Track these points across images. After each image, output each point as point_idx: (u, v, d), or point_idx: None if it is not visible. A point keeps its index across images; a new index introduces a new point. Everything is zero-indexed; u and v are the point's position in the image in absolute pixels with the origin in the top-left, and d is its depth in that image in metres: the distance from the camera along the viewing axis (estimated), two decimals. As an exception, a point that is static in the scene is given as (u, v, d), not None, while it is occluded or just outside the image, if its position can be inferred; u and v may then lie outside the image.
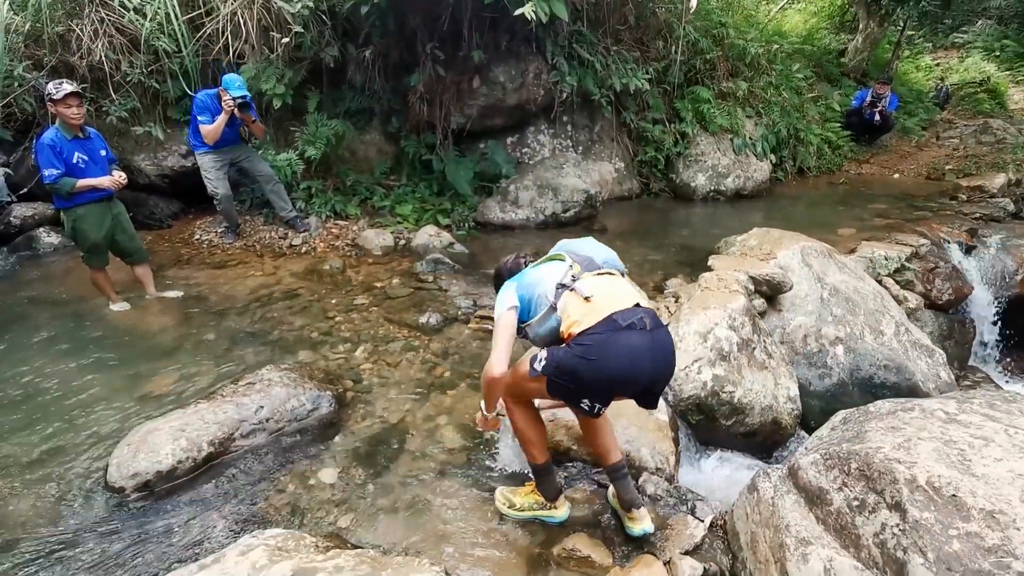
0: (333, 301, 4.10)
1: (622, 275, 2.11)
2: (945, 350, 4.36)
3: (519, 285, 2.08)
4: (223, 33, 5.06)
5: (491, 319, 3.74)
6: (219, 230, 5.37)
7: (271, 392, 2.71)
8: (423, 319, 3.72)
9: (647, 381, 1.84)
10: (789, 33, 8.73)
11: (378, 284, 4.38)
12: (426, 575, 1.68)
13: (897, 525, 1.37)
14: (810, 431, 3.37)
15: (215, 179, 4.84)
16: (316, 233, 5.34)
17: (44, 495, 2.33)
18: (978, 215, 5.92)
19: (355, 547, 1.93)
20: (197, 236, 5.38)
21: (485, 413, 2.10)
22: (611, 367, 1.76)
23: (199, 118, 4.66)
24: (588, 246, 2.19)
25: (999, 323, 5.04)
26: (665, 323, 3.23)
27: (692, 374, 2.86)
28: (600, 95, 6.11)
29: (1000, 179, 6.53)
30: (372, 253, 5.03)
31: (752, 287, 3.66)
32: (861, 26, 9.29)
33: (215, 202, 4.98)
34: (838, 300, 3.89)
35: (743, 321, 3.00)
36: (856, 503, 1.49)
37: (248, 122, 4.80)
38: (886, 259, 4.52)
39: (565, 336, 1.89)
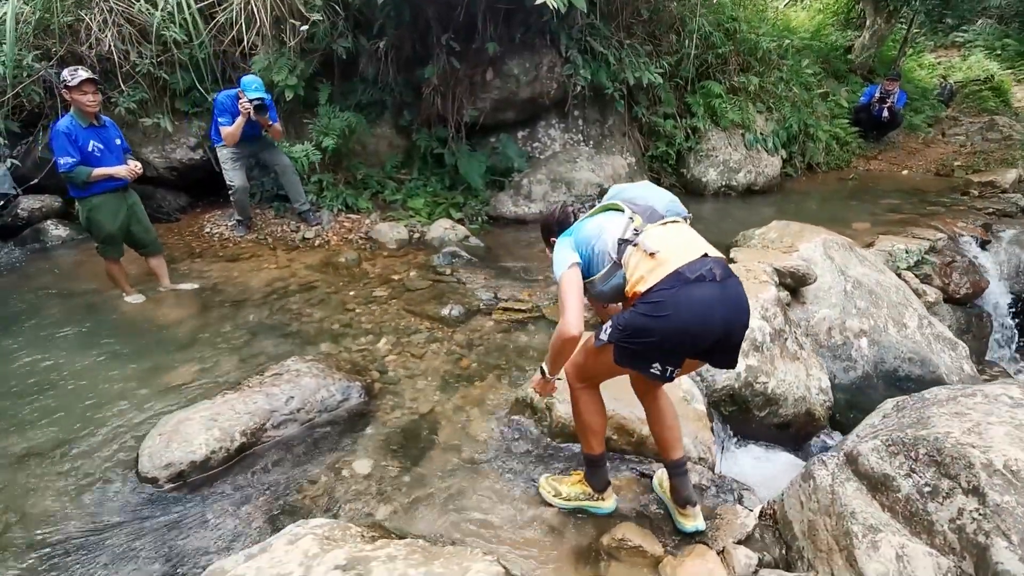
0: (351, 293, 4.05)
1: (686, 220, 1.96)
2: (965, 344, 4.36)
3: (575, 240, 1.92)
4: (235, 23, 5.00)
5: (514, 310, 3.73)
6: (230, 223, 5.31)
7: (300, 383, 2.66)
8: (445, 311, 3.67)
9: (720, 333, 1.68)
10: (797, 29, 8.72)
11: (395, 277, 4.33)
12: (479, 564, 1.64)
13: (976, 510, 1.34)
14: (836, 425, 3.37)
15: (232, 171, 4.81)
16: (328, 227, 5.29)
17: (72, 488, 2.28)
18: (991, 210, 5.92)
19: (400, 537, 1.88)
20: (208, 229, 5.32)
21: (549, 375, 2.01)
22: (682, 321, 1.63)
23: (219, 119, 4.66)
24: (647, 191, 2.00)
25: (1015, 317, 5.03)
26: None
27: (725, 365, 2.82)
28: (613, 89, 6.07)
29: (1012, 175, 6.53)
30: (387, 246, 4.98)
31: (776, 279, 3.63)
32: (868, 23, 9.29)
33: (230, 192, 4.93)
34: (861, 293, 3.87)
35: (775, 312, 2.97)
36: (928, 489, 1.46)
37: (265, 125, 4.78)
38: (906, 252, 4.51)
39: (630, 295, 1.77)
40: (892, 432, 1.65)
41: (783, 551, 1.87)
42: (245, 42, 5.06)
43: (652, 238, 1.78)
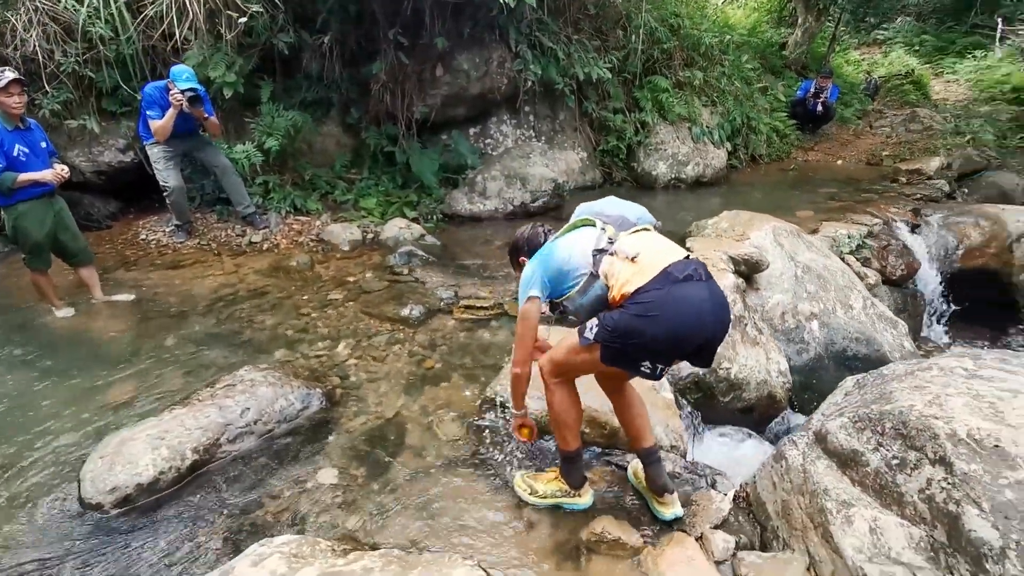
0: (305, 297, 3.89)
1: (656, 229, 1.99)
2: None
3: (543, 264, 1.90)
4: (166, 16, 4.71)
5: (476, 308, 3.67)
6: (168, 229, 5.01)
7: (256, 392, 2.52)
8: (405, 311, 3.57)
9: (710, 334, 1.71)
10: (735, 26, 9.00)
11: (351, 279, 4.19)
12: (460, 570, 1.58)
13: (945, 479, 1.39)
14: (794, 406, 3.49)
15: (165, 170, 4.52)
16: (277, 230, 5.07)
17: (7, 518, 2.07)
18: (919, 196, 6.28)
19: (373, 548, 1.80)
20: (143, 236, 5.00)
21: (515, 411, 2.11)
22: (676, 321, 1.64)
23: (147, 112, 4.36)
24: (615, 205, 2.03)
25: (944, 295, 5.36)
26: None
27: (689, 352, 2.86)
28: (563, 84, 6.09)
29: (936, 162, 6.95)
30: (340, 248, 4.81)
31: (732, 267, 3.72)
32: (800, 20, 9.70)
33: (165, 195, 4.64)
34: (811, 277, 4.01)
35: (735, 298, 3.03)
36: (896, 462, 1.50)
37: (201, 118, 4.50)
38: (848, 238, 4.71)
39: (617, 299, 1.76)
40: (858, 409, 1.69)
41: (759, 532, 1.89)
42: (177, 36, 4.78)
43: (629, 244, 1.80)
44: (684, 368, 2.83)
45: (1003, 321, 5.72)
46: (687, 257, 1.79)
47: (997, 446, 1.37)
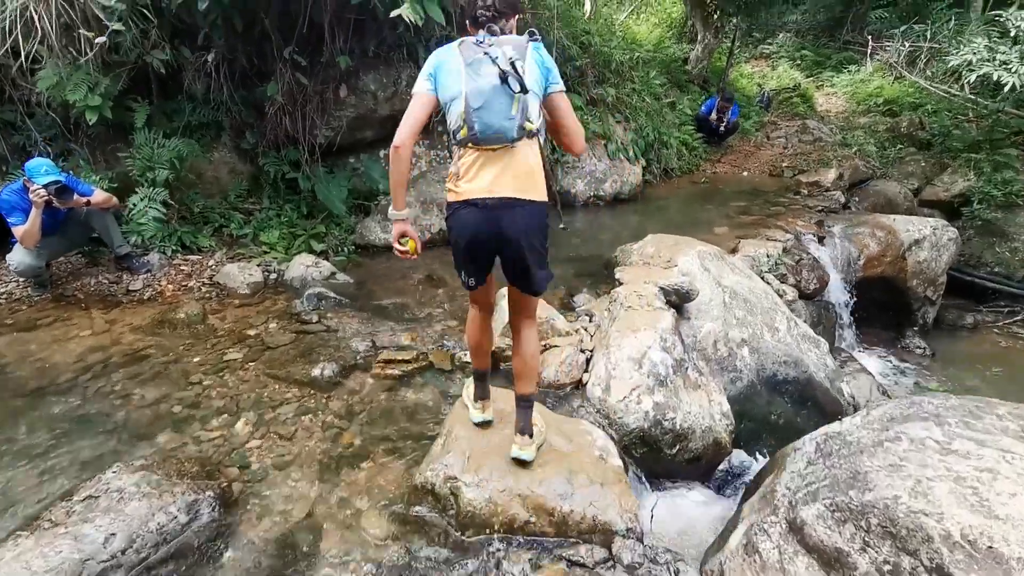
0: (196, 360, 3.35)
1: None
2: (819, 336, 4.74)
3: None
4: (10, 31, 3.97)
5: (397, 362, 3.30)
6: (19, 279, 4.23)
7: (125, 509, 2.03)
8: (316, 371, 3.15)
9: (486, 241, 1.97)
10: (642, 42, 9.18)
11: (251, 332, 3.69)
12: None
13: (944, 591, 1.25)
14: (738, 443, 3.42)
15: (23, 256, 3.93)
16: (161, 273, 4.43)
17: None
18: (820, 208, 6.61)
19: None
20: (-15, 289, 4.20)
21: (395, 214, 2.11)
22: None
23: (9, 220, 3.79)
24: None
25: (851, 304, 5.62)
26: (590, 346, 3.05)
27: (632, 404, 2.68)
28: (477, 104, 5.83)
29: (831, 174, 7.38)
30: (238, 293, 4.26)
31: (664, 298, 3.61)
32: (700, 37, 10.07)
33: (12, 268, 3.96)
34: (738, 302, 4.00)
35: (674, 341, 2.89)
36: (888, 568, 1.36)
37: (80, 205, 3.98)
38: (767, 257, 4.79)
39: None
40: (833, 494, 1.55)
41: (731, 629, 1.70)
42: (22, 53, 4.04)
43: None
44: (629, 422, 2.64)
45: (902, 324, 6.12)
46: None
47: (991, 547, 1.25)
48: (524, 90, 1.82)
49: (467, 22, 2.06)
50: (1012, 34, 5.66)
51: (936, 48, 10.65)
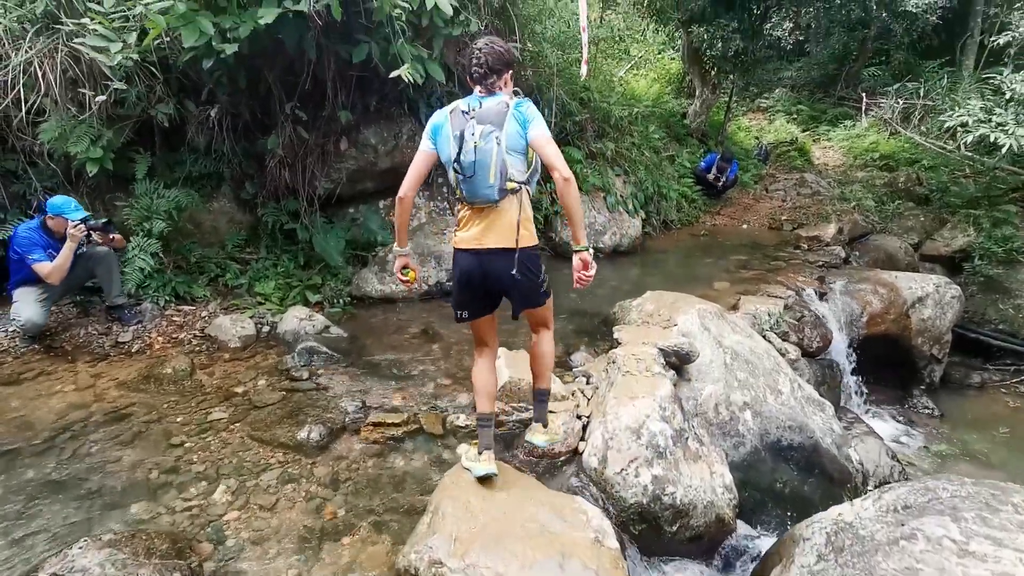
0: (179, 420, 3.24)
1: None
2: (821, 395, 4.61)
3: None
4: (14, 86, 4.04)
5: (387, 425, 3.18)
6: (8, 329, 4.15)
7: (87, 595, 1.89)
8: (303, 434, 3.03)
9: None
10: (641, 97, 9.39)
11: (239, 389, 3.58)
12: None
13: None
14: (738, 512, 3.26)
15: (27, 307, 3.89)
16: (152, 325, 4.36)
17: None
18: (820, 263, 6.58)
19: None
20: (-29, 338, 4.12)
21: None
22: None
23: (30, 257, 3.79)
24: None
25: (856, 363, 5.51)
26: (587, 411, 2.94)
27: (630, 478, 2.56)
28: (478, 157, 5.89)
29: (831, 229, 7.39)
30: (228, 346, 4.18)
31: (663, 360, 3.52)
32: (698, 92, 10.32)
33: (15, 323, 3.91)
34: (739, 364, 3.90)
35: (674, 410, 2.79)
36: None
37: (118, 243, 4.21)
38: (768, 315, 4.72)
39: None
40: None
41: None
42: (23, 106, 4.09)
43: None
44: (627, 496, 2.51)
45: (908, 383, 5.99)
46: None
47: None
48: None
49: (467, 77, 2.35)
50: (1007, 96, 5.76)
51: (930, 105, 10.90)
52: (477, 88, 2.28)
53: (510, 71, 2.32)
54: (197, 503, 2.59)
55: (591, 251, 2.30)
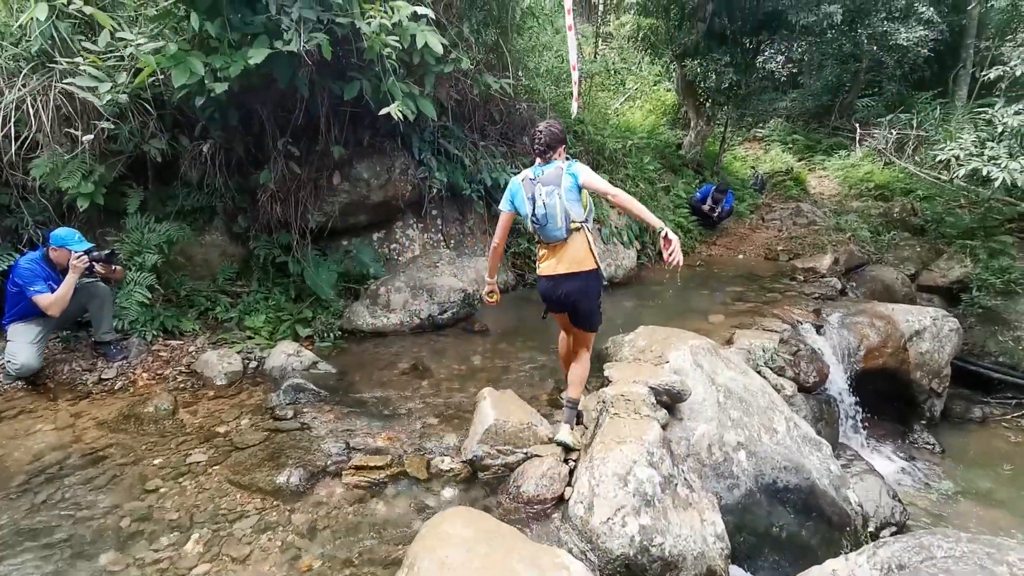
0: (156, 462, 3.16)
1: None
2: (819, 432, 4.51)
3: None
4: (7, 122, 4.07)
5: (370, 468, 3.10)
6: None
7: (41, 660, 1.80)
8: (282, 478, 2.95)
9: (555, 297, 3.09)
10: (635, 129, 9.48)
11: (221, 429, 3.51)
12: None
13: None
14: (732, 558, 3.15)
15: (21, 348, 3.82)
16: (137, 360, 4.30)
17: None
18: (817, 295, 6.52)
19: None
20: (-46, 375, 4.06)
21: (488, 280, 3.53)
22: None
23: (32, 288, 3.75)
24: None
25: (853, 398, 5.41)
26: (574, 456, 2.87)
27: (616, 527, 2.47)
28: (471, 190, 5.91)
29: (827, 260, 7.36)
30: (214, 383, 4.12)
31: (654, 399, 3.45)
32: (692, 123, 10.42)
33: (9, 365, 3.85)
34: (733, 402, 3.82)
35: (662, 455, 2.71)
36: None
37: (111, 274, 4.11)
38: (763, 350, 4.65)
39: None
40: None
41: None
42: (21, 143, 4.12)
43: None
44: (614, 548, 2.42)
45: (908, 418, 5.89)
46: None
47: None
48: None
49: (532, 151, 3.11)
50: (999, 130, 5.79)
51: (923, 136, 10.99)
52: (539, 159, 3.04)
53: (563, 145, 3.07)
54: (167, 555, 2.50)
55: (666, 230, 2.81)
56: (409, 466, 3.06)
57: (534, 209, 2.92)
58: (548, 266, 3.04)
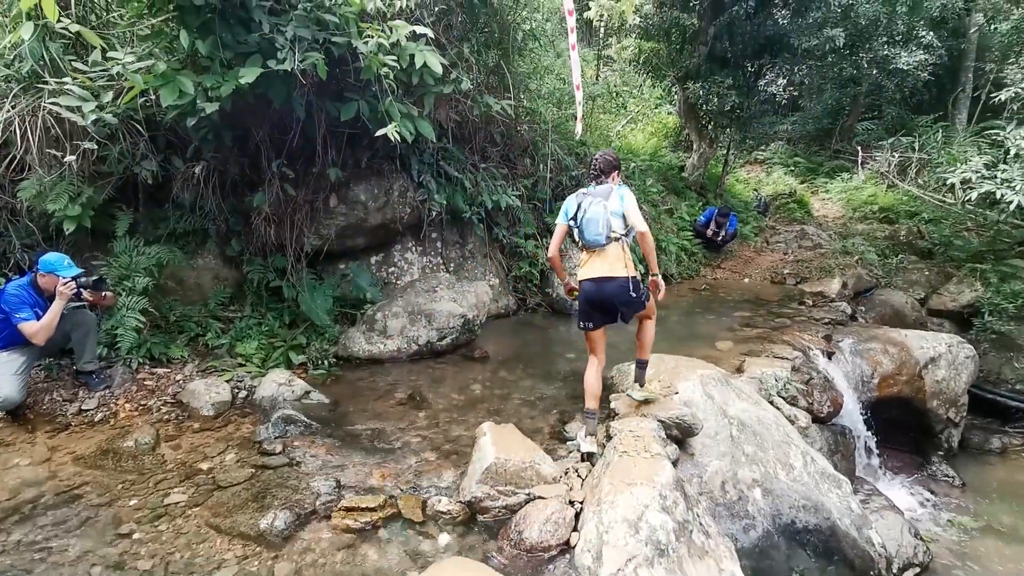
0: (132, 503, 2.95)
1: None
2: (835, 466, 4.30)
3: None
4: (-9, 143, 3.95)
5: (361, 510, 2.88)
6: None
7: None
8: (266, 521, 2.74)
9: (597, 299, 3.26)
10: (638, 151, 9.41)
11: (204, 465, 3.30)
12: None
13: None
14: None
15: (5, 383, 3.59)
16: (120, 390, 4.11)
17: None
18: (826, 320, 6.34)
19: None
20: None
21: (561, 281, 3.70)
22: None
23: (18, 315, 3.59)
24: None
25: (868, 427, 5.19)
26: (580, 496, 2.67)
27: (628, 581, 2.25)
28: (471, 213, 5.78)
29: (835, 284, 7.21)
30: (200, 414, 3.92)
31: (664, 433, 3.26)
32: (695, 146, 10.36)
33: None
34: (747, 435, 3.62)
35: (676, 498, 2.51)
36: None
37: (99, 301, 3.95)
38: (775, 379, 4.46)
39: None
40: None
41: None
42: (9, 165, 3.99)
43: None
44: (624, 604, 2.20)
45: (925, 448, 5.66)
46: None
47: None
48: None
49: (588, 176, 3.46)
50: (1012, 152, 5.67)
51: (925, 159, 10.92)
52: (594, 182, 3.34)
53: (617, 171, 3.38)
54: (138, 609, 2.28)
55: (659, 276, 3.34)
56: (403, 507, 2.85)
57: (578, 213, 3.23)
58: (589, 269, 3.22)
